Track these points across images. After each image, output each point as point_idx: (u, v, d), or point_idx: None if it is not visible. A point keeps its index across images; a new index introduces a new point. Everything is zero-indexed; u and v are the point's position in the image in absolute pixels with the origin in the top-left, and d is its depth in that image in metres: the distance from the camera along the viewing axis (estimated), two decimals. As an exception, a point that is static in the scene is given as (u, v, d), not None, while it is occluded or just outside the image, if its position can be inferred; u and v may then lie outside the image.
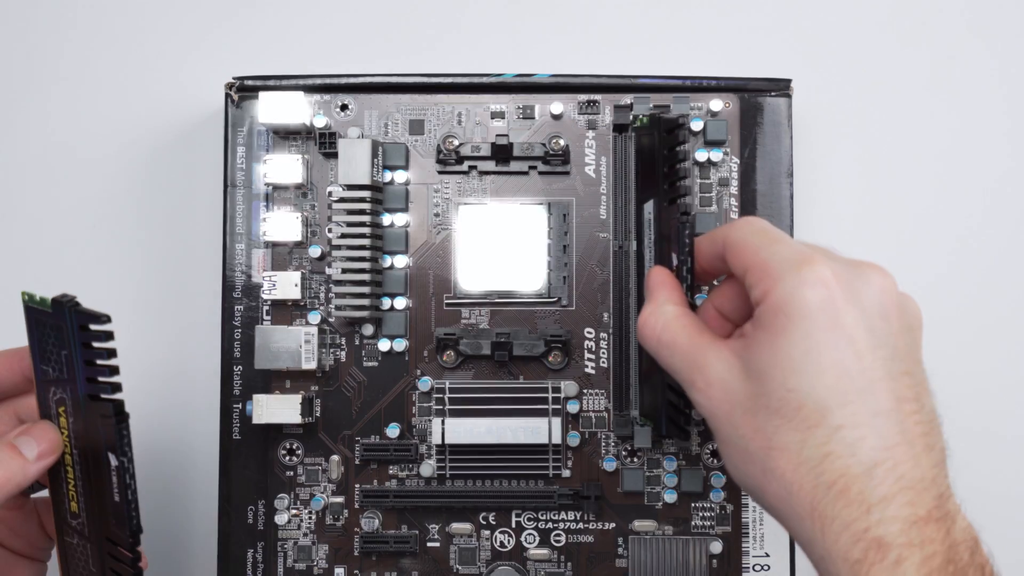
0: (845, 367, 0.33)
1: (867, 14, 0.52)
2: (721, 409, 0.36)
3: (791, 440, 0.33)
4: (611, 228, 0.48)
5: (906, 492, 0.33)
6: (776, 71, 0.49)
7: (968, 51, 0.52)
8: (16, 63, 0.52)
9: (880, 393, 0.33)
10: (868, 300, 0.34)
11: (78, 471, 0.39)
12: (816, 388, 0.33)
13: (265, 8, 0.52)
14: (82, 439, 0.39)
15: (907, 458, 0.33)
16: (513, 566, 0.47)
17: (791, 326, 0.34)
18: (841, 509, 0.33)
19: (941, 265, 0.51)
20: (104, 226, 0.51)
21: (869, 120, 0.52)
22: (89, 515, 0.39)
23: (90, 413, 0.38)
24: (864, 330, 0.34)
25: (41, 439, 0.38)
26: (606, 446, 0.48)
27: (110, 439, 0.38)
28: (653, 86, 0.48)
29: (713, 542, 0.47)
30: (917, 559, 0.32)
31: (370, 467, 0.48)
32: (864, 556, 0.32)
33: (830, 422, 0.33)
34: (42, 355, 0.39)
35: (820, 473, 0.33)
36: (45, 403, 0.40)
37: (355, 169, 0.46)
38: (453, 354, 0.48)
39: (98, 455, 0.38)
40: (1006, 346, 0.51)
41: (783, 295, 0.34)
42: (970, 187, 0.52)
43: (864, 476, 0.33)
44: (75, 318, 0.37)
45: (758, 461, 0.35)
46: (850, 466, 0.33)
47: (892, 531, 0.32)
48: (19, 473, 0.37)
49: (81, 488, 0.39)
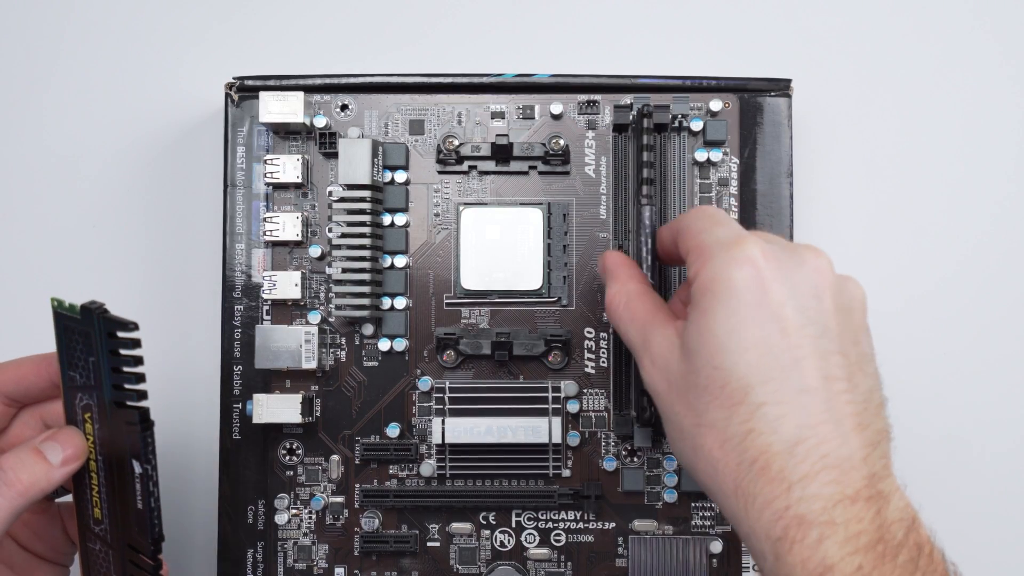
0: (769, 344, 0.33)
1: (867, 14, 0.52)
2: (660, 386, 0.36)
3: (718, 417, 0.34)
4: (611, 228, 0.48)
5: (830, 471, 0.32)
6: (776, 71, 0.49)
7: (969, 50, 0.52)
8: (16, 63, 0.52)
9: (807, 371, 0.33)
10: (799, 279, 0.34)
11: (102, 477, 0.39)
12: (739, 365, 0.33)
13: (265, 8, 0.52)
14: (107, 445, 0.39)
15: (833, 436, 0.33)
16: (513, 566, 0.47)
17: (717, 304, 0.34)
18: (763, 487, 0.33)
19: (942, 265, 0.51)
20: (104, 226, 0.51)
21: (869, 120, 0.52)
22: (112, 521, 0.39)
23: (115, 420, 0.38)
24: (792, 309, 0.34)
25: (67, 444, 0.38)
26: (606, 446, 0.48)
27: (135, 446, 0.38)
28: (653, 86, 0.48)
29: (713, 542, 0.47)
30: (840, 537, 0.32)
31: (370, 467, 0.48)
32: (784, 534, 0.32)
33: (752, 399, 0.33)
34: (69, 361, 0.39)
35: (743, 450, 0.33)
36: (71, 409, 0.40)
37: (355, 169, 0.46)
38: (453, 354, 0.48)
39: (122, 462, 0.38)
40: (1009, 347, 0.51)
41: (711, 273, 0.34)
42: (971, 187, 0.52)
43: (785, 453, 0.32)
44: (103, 325, 0.37)
45: (688, 438, 0.35)
46: (771, 443, 0.33)
47: (814, 509, 0.32)
48: (44, 478, 0.37)
49: (105, 494, 0.39)
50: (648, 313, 0.38)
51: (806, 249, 0.35)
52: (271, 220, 0.47)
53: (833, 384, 0.33)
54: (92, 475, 0.40)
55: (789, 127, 0.48)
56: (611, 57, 0.51)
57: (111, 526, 0.40)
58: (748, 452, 0.33)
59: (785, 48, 0.52)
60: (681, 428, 0.35)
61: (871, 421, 0.34)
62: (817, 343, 0.34)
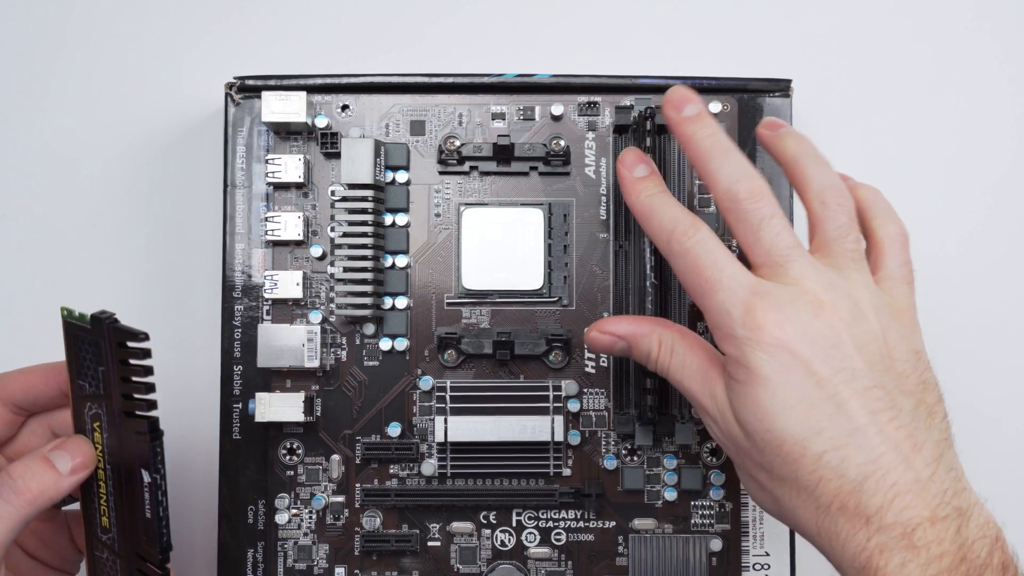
0: (810, 399, 0.35)
1: (867, 13, 0.52)
2: (730, 446, 0.38)
3: (786, 472, 0.35)
4: (611, 228, 0.48)
5: (902, 497, 0.34)
6: (776, 71, 0.49)
7: (969, 50, 0.52)
8: (15, 63, 0.52)
9: (852, 412, 0.35)
10: (815, 334, 0.35)
11: (110, 486, 0.39)
12: (790, 425, 0.35)
13: (265, 8, 0.52)
14: (116, 455, 0.39)
15: (896, 464, 0.34)
16: (514, 565, 0.47)
17: (752, 378, 0.35)
18: (843, 524, 0.34)
19: (942, 265, 0.51)
20: (104, 226, 0.51)
21: (869, 120, 0.52)
22: (120, 530, 0.40)
23: (125, 429, 0.38)
24: (819, 362, 0.35)
25: (75, 453, 0.39)
26: (606, 445, 0.48)
27: (144, 456, 0.38)
28: (653, 86, 0.48)
29: (713, 540, 0.47)
30: (922, 560, 0.33)
31: (371, 466, 0.48)
32: (868, 563, 0.33)
33: (812, 451, 0.35)
34: (79, 370, 0.39)
35: (818, 497, 0.35)
36: (80, 418, 0.40)
37: (357, 168, 0.46)
38: (454, 353, 0.48)
39: (131, 471, 0.39)
40: (1010, 347, 0.52)
41: (736, 356, 0.36)
42: (972, 187, 0.52)
43: (857, 492, 0.34)
44: (113, 335, 0.38)
45: (767, 492, 0.37)
46: (841, 486, 0.34)
47: (894, 536, 0.33)
48: (52, 487, 0.38)
49: (113, 503, 0.40)
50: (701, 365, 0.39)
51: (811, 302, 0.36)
52: (272, 220, 0.47)
53: (879, 416, 0.35)
54: (100, 484, 0.40)
55: (789, 127, 0.48)
56: (611, 58, 0.52)
57: (119, 535, 0.40)
58: (823, 498, 0.34)
59: (785, 48, 0.52)
60: (759, 483, 0.37)
61: (925, 437, 0.35)
62: (851, 385, 0.35)
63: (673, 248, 0.38)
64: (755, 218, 0.38)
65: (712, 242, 0.38)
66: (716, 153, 0.39)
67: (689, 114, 0.40)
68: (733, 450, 0.38)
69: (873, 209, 0.42)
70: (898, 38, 0.52)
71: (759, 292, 0.36)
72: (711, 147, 0.39)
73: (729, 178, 0.38)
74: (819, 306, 0.36)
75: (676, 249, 0.38)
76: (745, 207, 0.38)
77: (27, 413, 0.42)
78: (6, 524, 0.36)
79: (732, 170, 0.38)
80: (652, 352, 0.40)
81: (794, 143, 0.41)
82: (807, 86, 0.51)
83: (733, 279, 0.37)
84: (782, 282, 0.36)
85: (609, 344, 0.41)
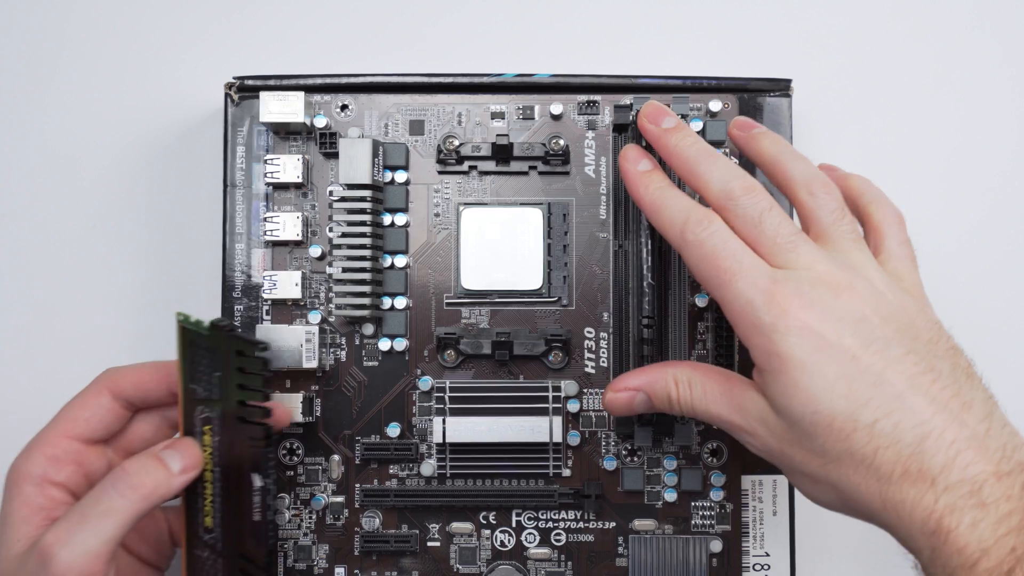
0: (850, 373, 0.35)
1: (867, 13, 0.52)
2: (773, 447, 0.38)
3: (841, 450, 0.35)
4: (611, 228, 0.48)
5: (964, 454, 0.33)
6: (776, 71, 0.49)
7: (970, 50, 0.52)
8: (16, 64, 0.52)
9: (893, 379, 0.35)
10: (841, 311, 0.36)
11: (217, 488, 0.41)
12: (836, 401, 0.35)
13: (265, 8, 0.52)
14: (225, 458, 0.41)
15: (950, 422, 0.34)
16: (513, 565, 0.47)
17: (786, 365, 0.36)
18: (908, 490, 0.34)
19: (942, 265, 0.51)
20: (104, 226, 0.51)
21: (869, 120, 0.52)
22: (225, 531, 0.41)
23: (237, 434, 0.40)
24: (850, 337, 0.35)
25: (185, 454, 0.40)
26: (606, 445, 0.48)
27: (256, 460, 0.40)
28: (653, 86, 0.48)
29: (713, 541, 0.47)
30: (992, 519, 0.32)
31: (370, 467, 0.48)
32: (939, 526, 0.33)
33: (863, 422, 0.34)
34: (192, 374, 0.40)
35: (878, 467, 0.34)
36: (190, 420, 0.41)
37: (356, 169, 0.46)
38: (453, 353, 0.48)
39: (240, 474, 0.40)
40: (1008, 347, 0.51)
41: (766, 345, 0.36)
42: (973, 187, 0.52)
43: (918, 454, 0.34)
44: (233, 343, 0.39)
45: (822, 480, 0.36)
46: (900, 451, 0.34)
47: (962, 495, 0.33)
48: (164, 484, 0.39)
49: (219, 505, 0.41)
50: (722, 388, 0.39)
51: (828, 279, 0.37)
52: (271, 220, 0.47)
53: (920, 379, 0.35)
54: (206, 485, 0.41)
55: (789, 127, 0.48)
56: (611, 57, 0.52)
57: (223, 535, 0.41)
58: (884, 467, 0.34)
59: (785, 48, 0.52)
60: (811, 474, 0.37)
61: (972, 395, 0.35)
62: (885, 354, 0.35)
63: (687, 239, 0.38)
64: (755, 212, 0.38)
65: (727, 232, 0.38)
66: (703, 158, 0.40)
67: (668, 126, 0.41)
68: (778, 452, 0.38)
69: (866, 196, 0.43)
70: (898, 38, 0.52)
71: (778, 279, 0.36)
72: (696, 153, 0.40)
73: (721, 178, 0.39)
74: (837, 287, 0.36)
75: (691, 240, 0.38)
76: (743, 203, 0.38)
77: (134, 409, 0.43)
78: (121, 517, 0.38)
79: (722, 170, 0.39)
80: (672, 393, 0.40)
81: (771, 142, 0.41)
82: (807, 86, 0.50)
83: (752, 268, 0.37)
84: (790, 264, 0.37)
85: (628, 400, 0.42)
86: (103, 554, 0.37)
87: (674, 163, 0.41)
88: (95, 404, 0.42)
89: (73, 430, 0.41)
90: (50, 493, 0.40)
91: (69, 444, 0.41)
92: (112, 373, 0.42)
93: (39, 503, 0.40)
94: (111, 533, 0.38)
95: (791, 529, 0.48)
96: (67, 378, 0.44)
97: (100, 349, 0.51)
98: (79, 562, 0.37)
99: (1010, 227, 0.52)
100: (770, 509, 0.48)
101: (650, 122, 0.42)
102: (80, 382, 0.43)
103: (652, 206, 0.40)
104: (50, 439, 0.41)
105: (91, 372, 0.43)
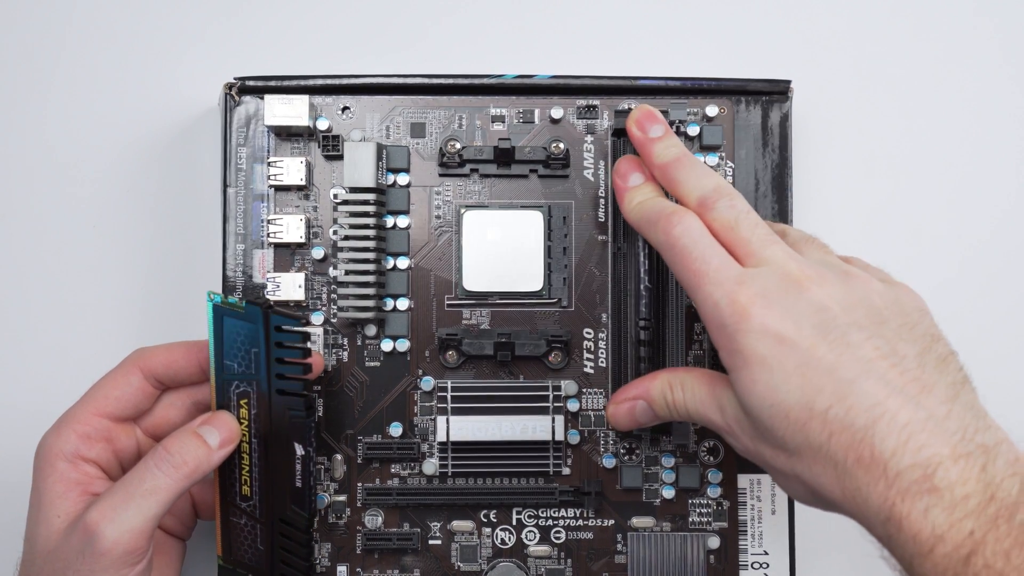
0: (805, 363, 0.35)
1: (867, 13, 0.52)
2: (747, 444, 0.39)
3: (799, 442, 0.35)
4: (609, 230, 0.48)
5: (916, 436, 0.33)
6: (776, 71, 0.49)
7: (970, 50, 0.52)
8: (16, 64, 0.52)
9: (847, 365, 0.35)
10: (802, 306, 0.36)
11: (255, 458, 0.43)
12: (792, 392, 0.35)
13: (265, 8, 0.52)
14: (264, 429, 0.43)
15: (904, 405, 0.34)
16: (514, 563, 0.48)
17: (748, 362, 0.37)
18: (862, 476, 0.33)
19: (942, 266, 0.52)
20: (104, 226, 0.51)
21: (868, 121, 0.52)
22: (264, 498, 0.43)
23: (277, 406, 0.42)
24: (808, 328, 0.36)
25: (222, 428, 0.42)
26: (605, 444, 0.48)
27: (297, 431, 0.42)
28: (652, 87, 0.48)
29: (711, 538, 0.48)
30: (946, 503, 0.32)
31: (372, 466, 0.48)
32: (891, 513, 0.33)
33: (817, 409, 0.35)
34: (226, 351, 0.42)
35: (833, 455, 0.34)
36: (225, 395, 0.43)
37: (360, 172, 0.46)
38: (455, 354, 0.48)
39: (279, 444, 0.42)
40: (1009, 348, 0.52)
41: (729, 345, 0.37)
42: (971, 187, 0.52)
43: (869, 438, 0.33)
44: (271, 320, 0.41)
45: (791, 474, 0.37)
46: (852, 436, 0.34)
47: (914, 480, 0.32)
48: (205, 460, 0.41)
49: (257, 474, 0.43)
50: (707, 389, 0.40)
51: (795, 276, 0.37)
52: (274, 222, 0.47)
53: (877, 364, 0.35)
54: (244, 456, 0.43)
55: (789, 128, 0.48)
56: (611, 59, 0.52)
57: (262, 502, 0.43)
58: (838, 454, 0.34)
59: (784, 49, 0.52)
60: (780, 469, 0.37)
61: (936, 379, 0.35)
62: (844, 342, 0.36)
63: (660, 239, 0.40)
64: (731, 215, 0.39)
65: (698, 232, 0.39)
66: (683, 165, 0.41)
67: (655, 135, 0.43)
68: (753, 451, 0.39)
69: None
70: (898, 38, 0.52)
71: (743, 280, 0.37)
72: (676, 161, 0.42)
73: (699, 185, 0.41)
74: (804, 281, 0.37)
75: (663, 240, 0.40)
76: (720, 206, 0.40)
77: (163, 387, 0.44)
78: (165, 495, 0.39)
79: (700, 177, 0.41)
80: (667, 396, 0.42)
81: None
82: (807, 86, 0.51)
83: (719, 271, 0.38)
84: (761, 264, 0.38)
85: (629, 410, 0.43)
86: (147, 531, 0.39)
87: (656, 171, 0.43)
88: (125, 382, 0.42)
89: (104, 408, 0.42)
90: (84, 469, 0.41)
91: (99, 422, 0.42)
92: (143, 352, 0.43)
93: (75, 478, 0.40)
94: (155, 511, 0.39)
95: (791, 528, 0.48)
96: (67, 378, 0.45)
97: (100, 349, 0.51)
98: (125, 539, 0.38)
99: (1011, 226, 0.52)
100: (769, 507, 0.48)
101: (638, 128, 0.43)
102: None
103: (635, 219, 0.42)
104: (81, 416, 0.42)
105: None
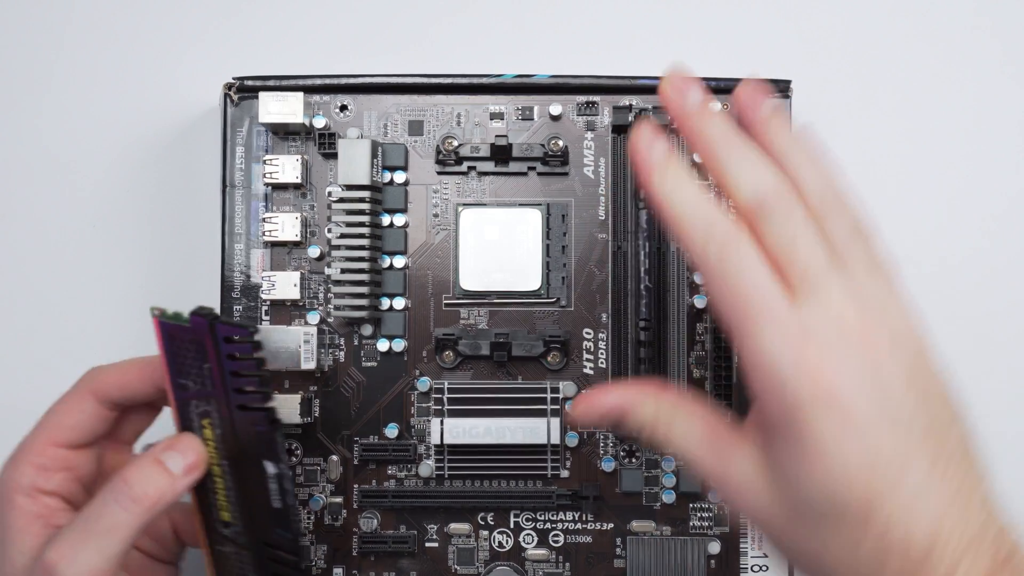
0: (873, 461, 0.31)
1: (867, 13, 0.52)
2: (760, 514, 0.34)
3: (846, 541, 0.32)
4: (610, 229, 0.48)
5: (965, 560, 0.30)
6: (776, 71, 0.49)
7: (969, 50, 0.52)
8: (16, 64, 0.52)
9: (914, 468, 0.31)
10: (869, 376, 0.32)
11: (229, 481, 0.39)
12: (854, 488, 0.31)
13: (265, 8, 0.52)
14: (232, 449, 0.39)
15: (956, 524, 0.31)
16: (511, 566, 0.47)
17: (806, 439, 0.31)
18: None
19: (942, 266, 0.51)
20: (104, 226, 0.51)
21: (869, 121, 0.52)
22: (245, 523, 0.40)
23: (240, 423, 0.38)
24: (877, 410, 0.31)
25: (187, 453, 0.39)
26: (604, 447, 0.48)
27: (265, 447, 0.38)
28: (652, 87, 0.48)
29: (711, 543, 0.47)
30: None
31: (369, 467, 0.48)
32: None
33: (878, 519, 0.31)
34: (179, 370, 0.39)
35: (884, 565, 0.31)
36: (186, 416, 0.39)
37: (355, 169, 0.46)
38: (452, 354, 0.48)
39: (252, 464, 0.38)
40: (1010, 348, 0.51)
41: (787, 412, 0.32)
42: (971, 187, 0.52)
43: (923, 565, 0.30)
44: (219, 331, 0.37)
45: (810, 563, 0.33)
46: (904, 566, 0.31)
47: None
48: (169, 490, 0.38)
49: (235, 497, 0.39)
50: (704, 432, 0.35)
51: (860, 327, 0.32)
52: (270, 220, 0.47)
53: (935, 469, 0.31)
54: (216, 479, 0.40)
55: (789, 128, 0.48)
56: (611, 58, 0.51)
57: (245, 527, 0.40)
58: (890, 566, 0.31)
59: (785, 48, 0.52)
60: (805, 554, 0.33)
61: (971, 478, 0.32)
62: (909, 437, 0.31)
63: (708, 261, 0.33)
64: (789, 232, 0.33)
65: (753, 259, 0.33)
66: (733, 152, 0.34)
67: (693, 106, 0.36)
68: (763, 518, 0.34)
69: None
70: (898, 38, 0.52)
71: (808, 331, 0.32)
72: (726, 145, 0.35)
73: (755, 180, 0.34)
74: (865, 339, 0.32)
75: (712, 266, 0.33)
76: (777, 219, 0.33)
77: (120, 409, 0.41)
78: (125, 532, 0.36)
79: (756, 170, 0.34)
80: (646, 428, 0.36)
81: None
82: (807, 86, 0.50)
83: (781, 315, 0.32)
84: (819, 307, 0.32)
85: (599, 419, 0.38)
86: (108, 570, 0.36)
87: (700, 151, 0.35)
88: (78, 409, 0.40)
89: (59, 437, 0.39)
90: (44, 502, 0.39)
91: (56, 451, 0.39)
92: (95, 374, 0.41)
93: (35, 511, 0.38)
94: (116, 549, 0.36)
95: None
96: (67, 378, 0.44)
97: (100, 349, 0.50)
98: None
99: (1011, 226, 0.52)
100: (768, 511, 0.47)
101: (674, 94, 0.36)
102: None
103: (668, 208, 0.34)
104: (35, 447, 0.39)
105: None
